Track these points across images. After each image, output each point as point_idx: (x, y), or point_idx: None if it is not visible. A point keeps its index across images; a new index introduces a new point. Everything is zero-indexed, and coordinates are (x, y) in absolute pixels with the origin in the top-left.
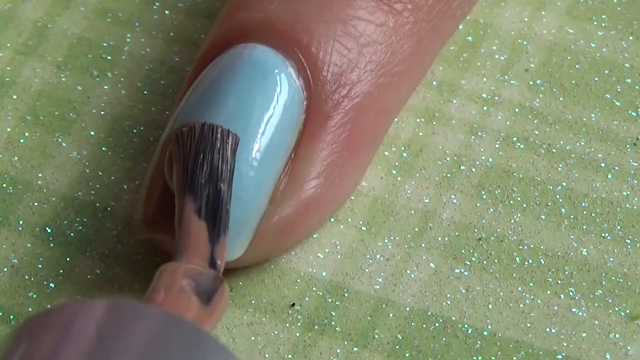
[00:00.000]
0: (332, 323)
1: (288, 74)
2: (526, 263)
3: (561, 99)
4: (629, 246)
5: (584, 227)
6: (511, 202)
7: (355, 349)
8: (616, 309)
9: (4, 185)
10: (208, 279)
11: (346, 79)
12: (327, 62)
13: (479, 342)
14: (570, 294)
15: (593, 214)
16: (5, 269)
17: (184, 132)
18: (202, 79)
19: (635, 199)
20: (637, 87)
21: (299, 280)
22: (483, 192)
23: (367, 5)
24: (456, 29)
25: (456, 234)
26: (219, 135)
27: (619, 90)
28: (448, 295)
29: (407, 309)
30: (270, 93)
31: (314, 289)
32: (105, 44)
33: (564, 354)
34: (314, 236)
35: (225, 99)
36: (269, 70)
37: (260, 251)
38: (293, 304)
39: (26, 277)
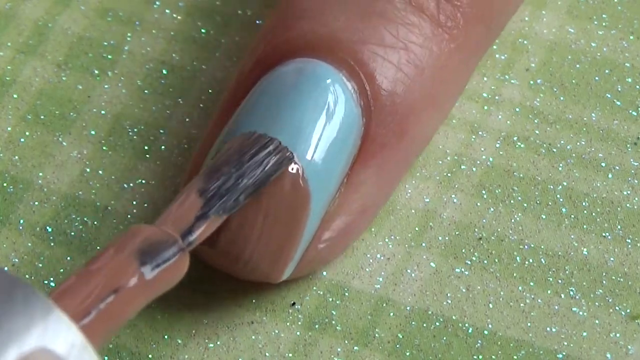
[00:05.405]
0: (333, 322)
1: (349, 99)
2: (527, 262)
3: (562, 98)
4: (629, 246)
5: (585, 226)
6: (512, 201)
7: (355, 348)
8: (617, 308)
9: (5, 184)
10: (166, 248)
11: (405, 109)
12: (390, 91)
13: (479, 341)
14: (571, 293)
15: (593, 214)
16: (5, 268)
17: (244, 135)
18: (262, 90)
19: (636, 198)
20: (637, 87)
21: (299, 280)
22: (483, 192)
23: (428, 33)
24: None
25: (457, 233)
26: (271, 147)
27: (619, 89)
28: (448, 295)
29: (408, 308)
30: (333, 117)
31: (314, 288)
32: (105, 43)
33: (564, 353)
34: None
35: (289, 118)
36: (335, 96)
37: (299, 274)
38: (294, 303)
39: (26, 276)
